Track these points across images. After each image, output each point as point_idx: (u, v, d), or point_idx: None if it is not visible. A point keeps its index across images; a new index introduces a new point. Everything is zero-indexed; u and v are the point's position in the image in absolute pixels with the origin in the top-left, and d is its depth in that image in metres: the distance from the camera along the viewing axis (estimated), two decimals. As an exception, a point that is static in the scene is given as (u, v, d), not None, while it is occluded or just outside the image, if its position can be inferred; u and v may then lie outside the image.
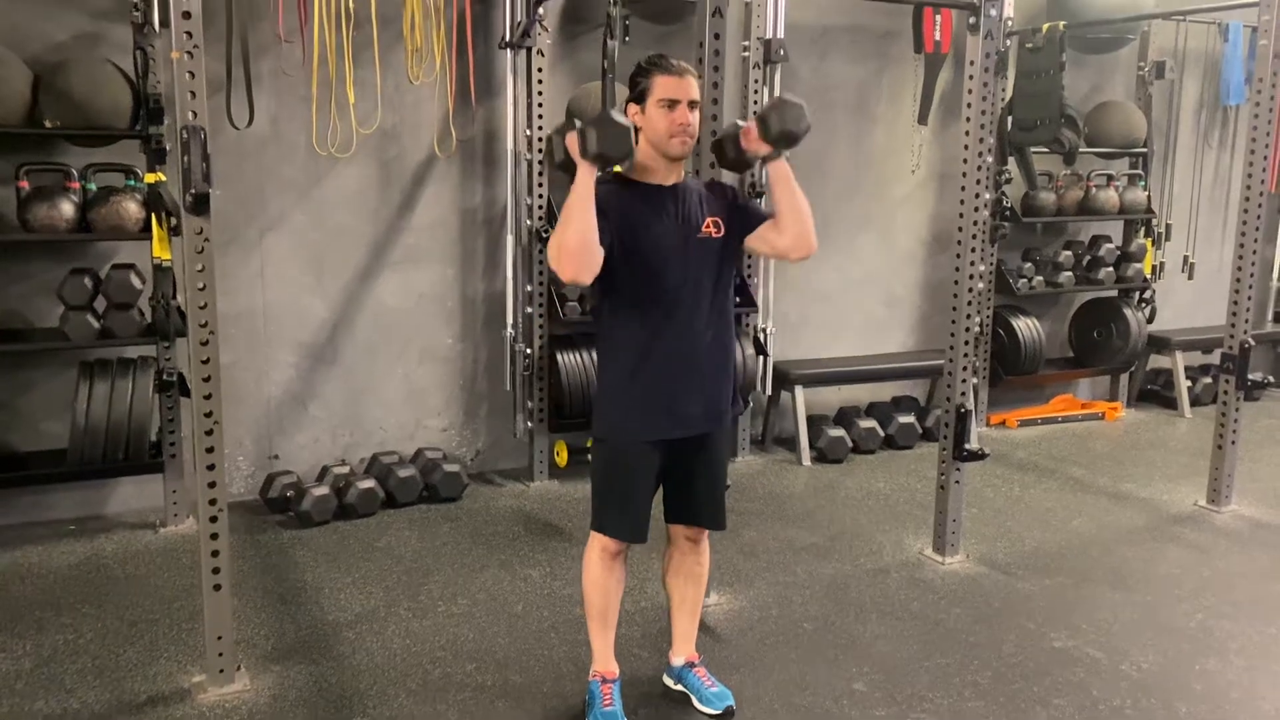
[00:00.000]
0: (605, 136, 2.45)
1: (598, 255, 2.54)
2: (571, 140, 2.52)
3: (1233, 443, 4.68)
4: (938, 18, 5.59)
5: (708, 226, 2.74)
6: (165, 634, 3.43)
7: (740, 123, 2.79)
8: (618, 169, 2.69)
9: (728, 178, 3.41)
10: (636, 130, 2.71)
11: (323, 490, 4.47)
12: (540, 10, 4.66)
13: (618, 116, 2.46)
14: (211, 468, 2.92)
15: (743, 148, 2.75)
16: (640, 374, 2.73)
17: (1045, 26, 5.46)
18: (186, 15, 2.72)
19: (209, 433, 2.90)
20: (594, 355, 4.22)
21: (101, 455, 4.14)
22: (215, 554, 2.96)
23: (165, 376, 4.20)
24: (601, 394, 2.83)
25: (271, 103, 4.51)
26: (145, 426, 4.20)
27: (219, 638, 3.01)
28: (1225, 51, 6.14)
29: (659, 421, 2.74)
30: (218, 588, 2.97)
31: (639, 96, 2.69)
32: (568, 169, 2.57)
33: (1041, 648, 3.42)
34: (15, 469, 4.27)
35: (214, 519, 2.95)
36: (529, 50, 4.71)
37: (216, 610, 2.99)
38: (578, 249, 2.50)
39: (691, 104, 2.66)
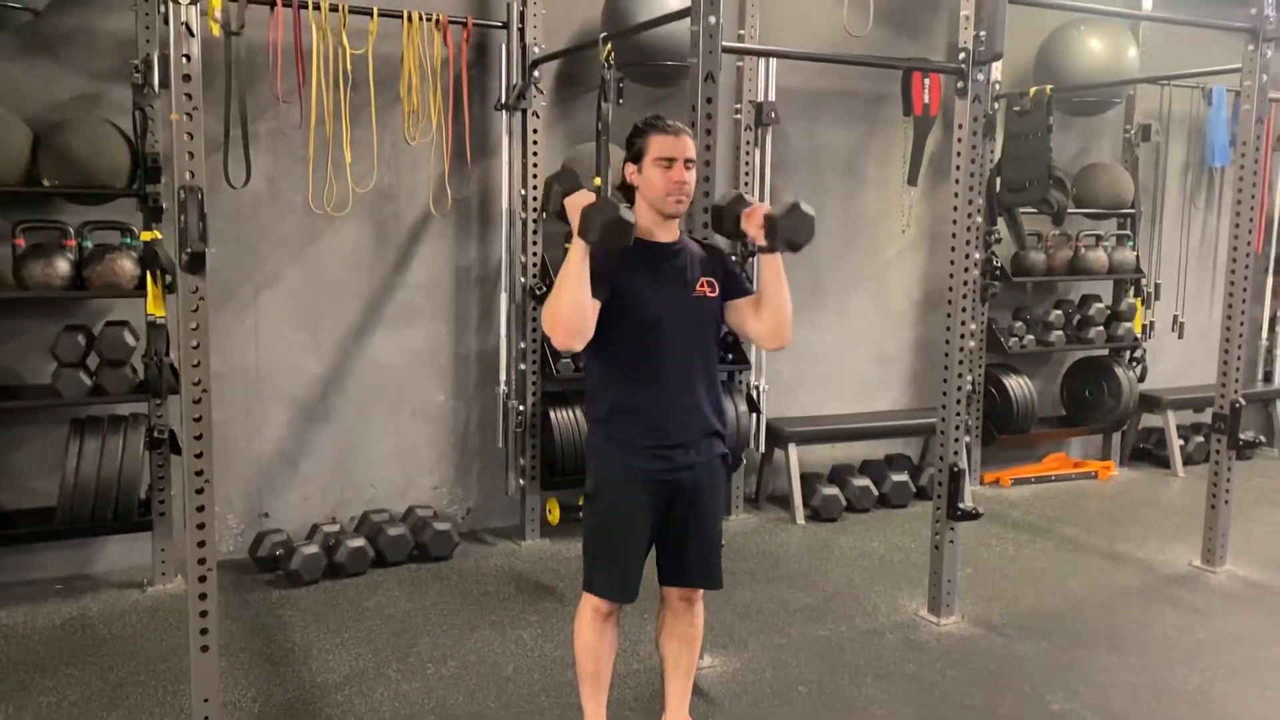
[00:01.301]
0: (609, 231, 2.48)
1: (591, 323, 2.59)
2: (574, 209, 2.54)
3: (1226, 502, 4.68)
4: (926, 82, 5.67)
5: (702, 286, 2.77)
6: (150, 696, 3.38)
7: (747, 198, 2.82)
8: None
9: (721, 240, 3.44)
10: (633, 189, 2.75)
11: (312, 549, 4.43)
12: (535, 73, 4.74)
13: (625, 213, 2.49)
14: (201, 526, 2.89)
15: (742, 229, 2.79)
16: (631, 427, 2.74)
17: (1033, 90, 5.55)
18: (187, 78, 2.76)
19: (200, 491, 2.88)
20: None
21: (90, 514, 4.10)
22: (204, 614, 2.92)
23: (156, 434, 4.19)
24: (592, 448, 2.84)
25: (269, 162, 4.55)
26: (135, 485, 4.17)
27: (205, 700, 2.96)
28: (1209, 115, 6.24)
29: (650, 468, 2.73)
30: (205, 649, 2.93)
31: (636, 156, 2.74)
32: (562, 217, 2.61)
33: (1039, 711, 3.38)
34: (3, 527, 4.22)
35: (203, 579, 2.91)
36: (524, 112, 4.78)
37: (204, 672, 2.94)
38: (571, 318, 2.55)
39: (688, 162, 2.71)
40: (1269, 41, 4.42)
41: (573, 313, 2.55)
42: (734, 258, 3.19)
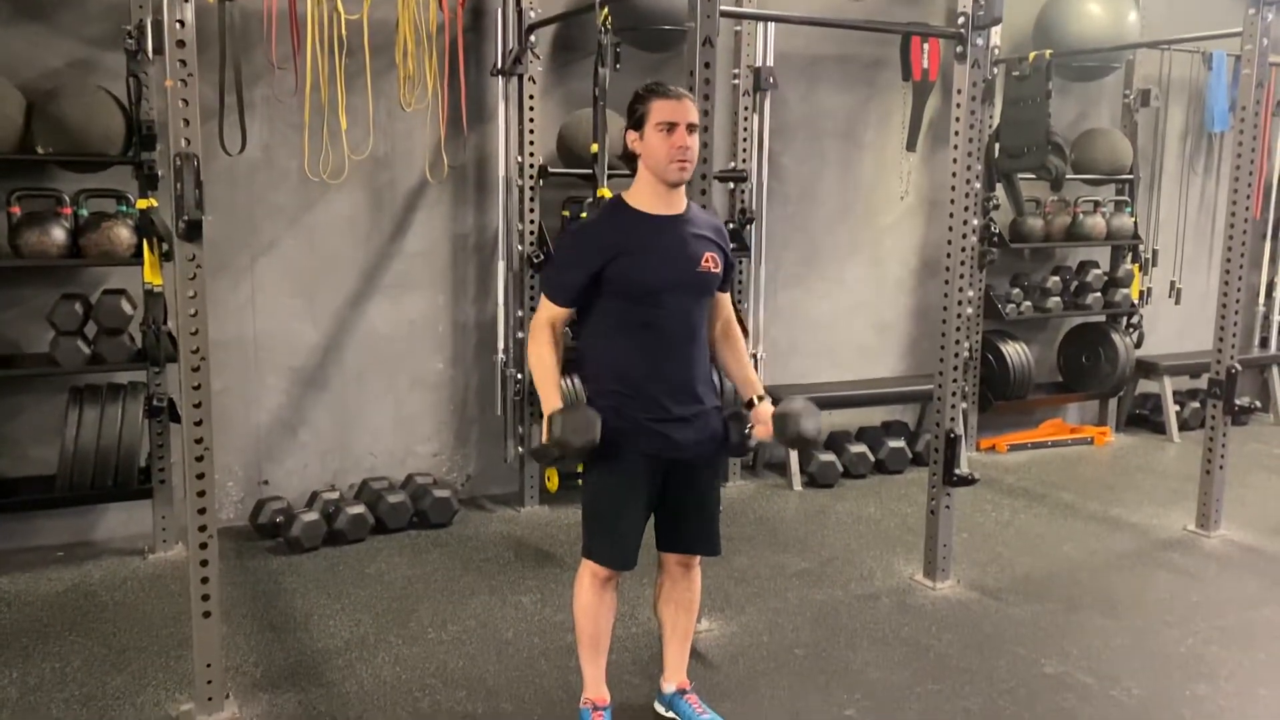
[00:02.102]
0: (569, 427, 2.60)
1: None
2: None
3: (1221, 468, 4.71)
4: (925, 46, 5.63)
5: (707, 261, 2.76)
6: (153, 662, 3.41)
7: (750, 428, 2.89)
8: (607, 192, 2.72)
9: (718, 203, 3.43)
10: (635, 157, 2.73)
11: (312, 516, 4.45)
12: (532, 38, 4.70)
13: (591, 418, 2.62)
14: (202, 494, 2.91)
15: (745, 445, 2.92)
16: (630, 397, 2.74)
17: (1032, 55, 5.52)
18: (181, 44, 2.74)
19: (199, 459, 2.90)
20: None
21: (90, 481, 4.12)
22: (205, 581, 2.94)
23: (155, 402, 4.19)
24: None
25: (264, 129, 4.53)
26: (135, 452, 4.19)
27: (208, 665, 2.99)
28: (1209, 80, 6.21)
29: (649, 441, 2.74)
30: (207, 615, 2.96)
31: (637, 123, 2.71)
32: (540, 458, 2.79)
33: (1033, 674, 3.42)
34: (3, 495, 4.24)
35: (204, 545, 2.93)
36: (520, 78, 4.75)
37: (205, 637, 2.97)
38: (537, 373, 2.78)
39: (690, 127, 2.68)
40: (1270, 5, 4.39)
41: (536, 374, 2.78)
42: (730, 224, 3.22)
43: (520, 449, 5.02)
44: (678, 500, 2.84)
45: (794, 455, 5.50)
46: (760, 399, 2.91)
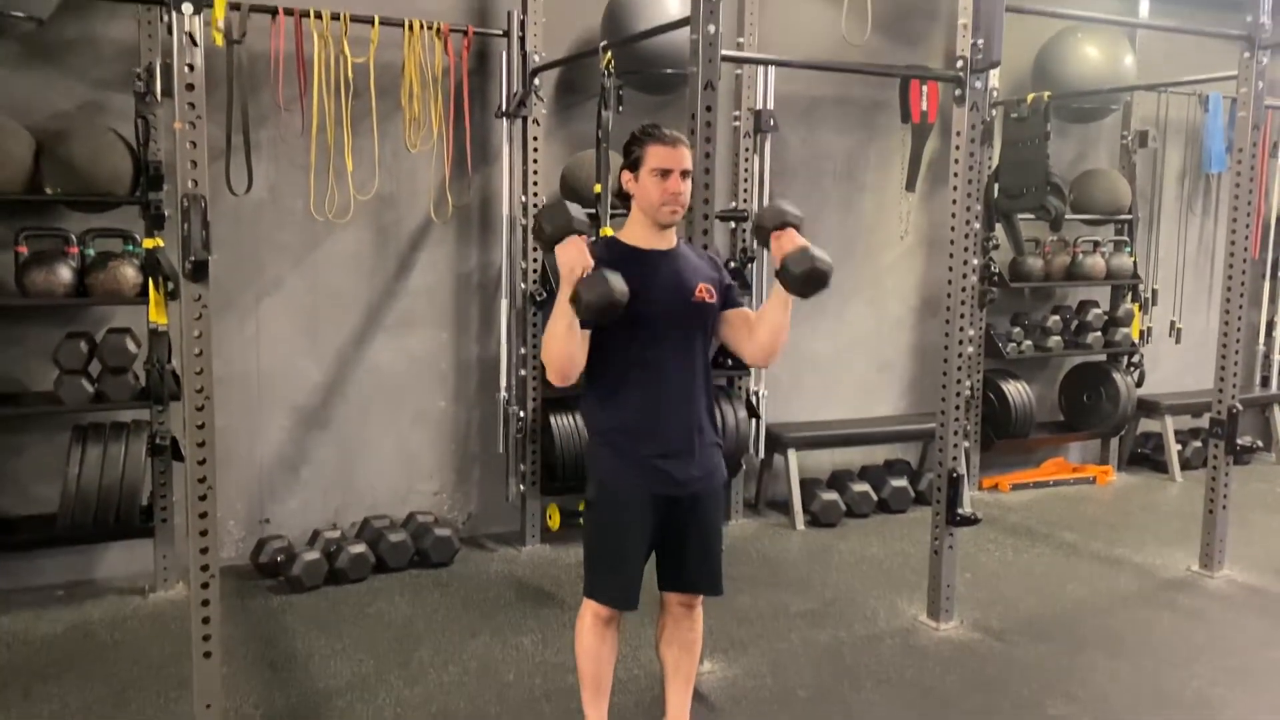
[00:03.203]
0: (599, 312, 2.53)
1: (581, 362, 2.65)
2: (564, 266, 2.55)
3: (1224, 507, 4.70)
4: (924, 89, 5.71)
5: (700, 292, 2.78)
6: (153, 702, 3.38)
7: (787, 213, 2.81)
8: (610, 231, 2.75)
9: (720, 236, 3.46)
10: (629, 198, 2.77)
11: (313, 555, 4.44)
12: (536, 81, 4.76)
13: (616, 290, 2.51)
14: (204, 533, 2.91)
15: (770, 248, 2.82)
16: (630, 434, 2.75)
17: (1030, 97, 5.58)
18: (190, 87, 2.78)
19: (202, 498, 2.90)
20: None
21: (92, 520, 4.11)
22: (206, 620, 2.94)
23: (158, 441, 4.20)
24: (591, 456, 2.85)
25: (270, 170, 4.58)
26: (137, 491, 4.18)
27: (208, 706, 2.98)
28: (1206, 121, 6.27)
29: (650, 478, 2.75)
30: (208, 655, 2.94)
31: (633, 164, 2.75)
32: (548, 248, 2.63)
33: (1038, 716, 3.39)
34: (4, 533, 4.24)
35: (205, 585, 2.93)
36: (525, 119, 4.80)
37: (206, 677, 2.96)
38: (563, 365, 2.64)
39: (684, 173, 2.72)
40: (1265, 49, 4.45)
41: (564, 360, 2.63)
42: (732, 263, 3.24)
43: (522, 487, 5.01)
44: (679, 538, 2.83)
45: (797, 495, 5.49)
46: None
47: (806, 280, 2.71)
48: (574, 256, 2.55)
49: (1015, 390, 6.24)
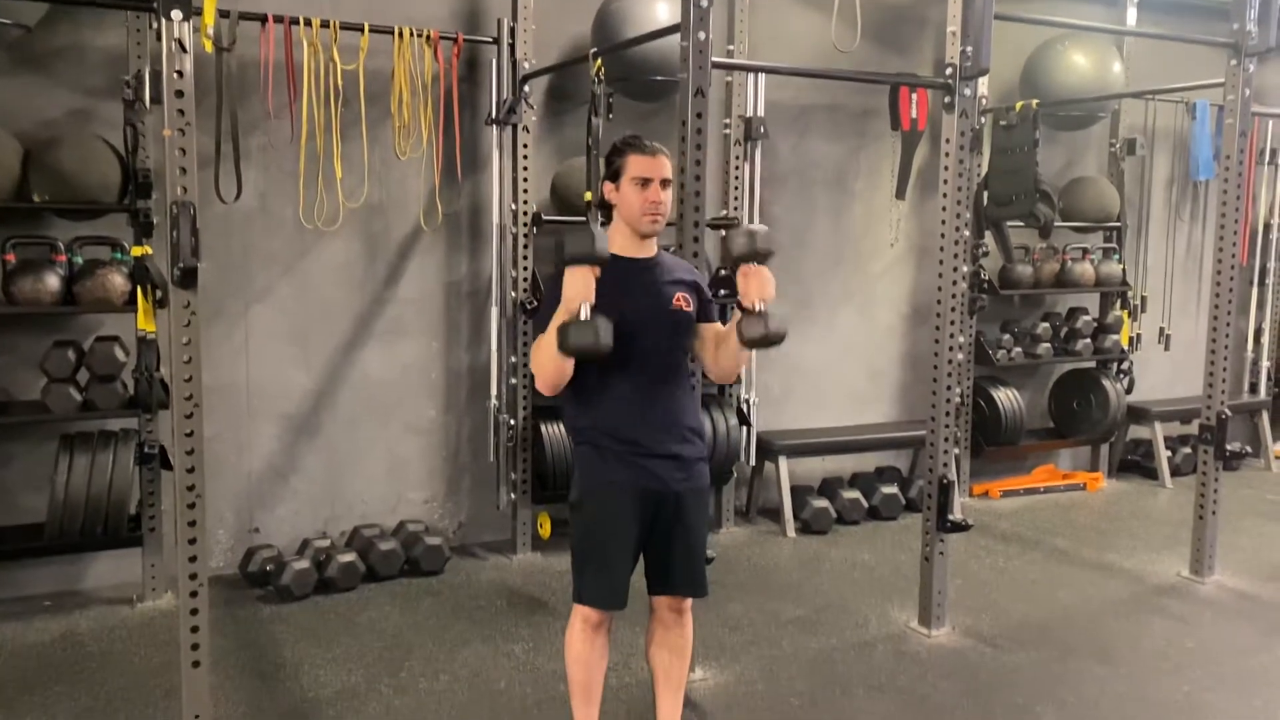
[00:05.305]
0: (581, 354, 2.60)
1: (570, 374, 2.69)
2: (565, 300, 2.58)
3: (1213, 513, 4.71)
4: (914, 97, 5.71)
5: (678, 300, 2.83)
6: (141, 712, 3.36)
7: (744, 271, 2.76)
8: None
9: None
10: (611, 208, 2.79)
11: (303, 564, 4.42)
12: (526, 88, 4.77)
13: (602, 335, 2.56)
14: (193, 542, 2.89)
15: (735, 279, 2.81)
16: (612, 434, 2.77)
17: (1019, 105, 5.60)
18: (179, 94, 2.77)
19: (191, 506, 2.89)
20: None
21: (80, 529, 4.09)
22: (195, 630, 2.92)
23: (147, 449, 4.18)
24: (575, 458, 2.88)
25: (259, 178, 4.56)
26: (125, 500, 4.16)
27: (196, 716, 2.96)
28: (1193, 129, 6.29)
29: (635, 475, 2.77)
30: (196, 664, 2.93)
31: (614, 175, 2.81)
32: (561, 265, 2.64)
33: (1029, 722, 3.39)
34: (-9, 543, 4.21)
35: (194, 594, 2.91)
36: (514, 127, 4.80)
37: (194, 688, 2.94)
38: (552, 377, 2.69)
39: (664, 182, 2.78)
40: (1251, 56, 4.47)
41: (553, 373, 2.67)
42: (722, 271, 3.25)
43: (513, 496, 5.00)
44: (665, 539, 2.84)
45: (788, 502, 5.49)
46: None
47: (757, 344, 2.76)
48: (579, 289, 2.57)
49: (1005, 397, 6.26)
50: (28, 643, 3.92)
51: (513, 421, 4.93)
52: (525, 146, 4.82)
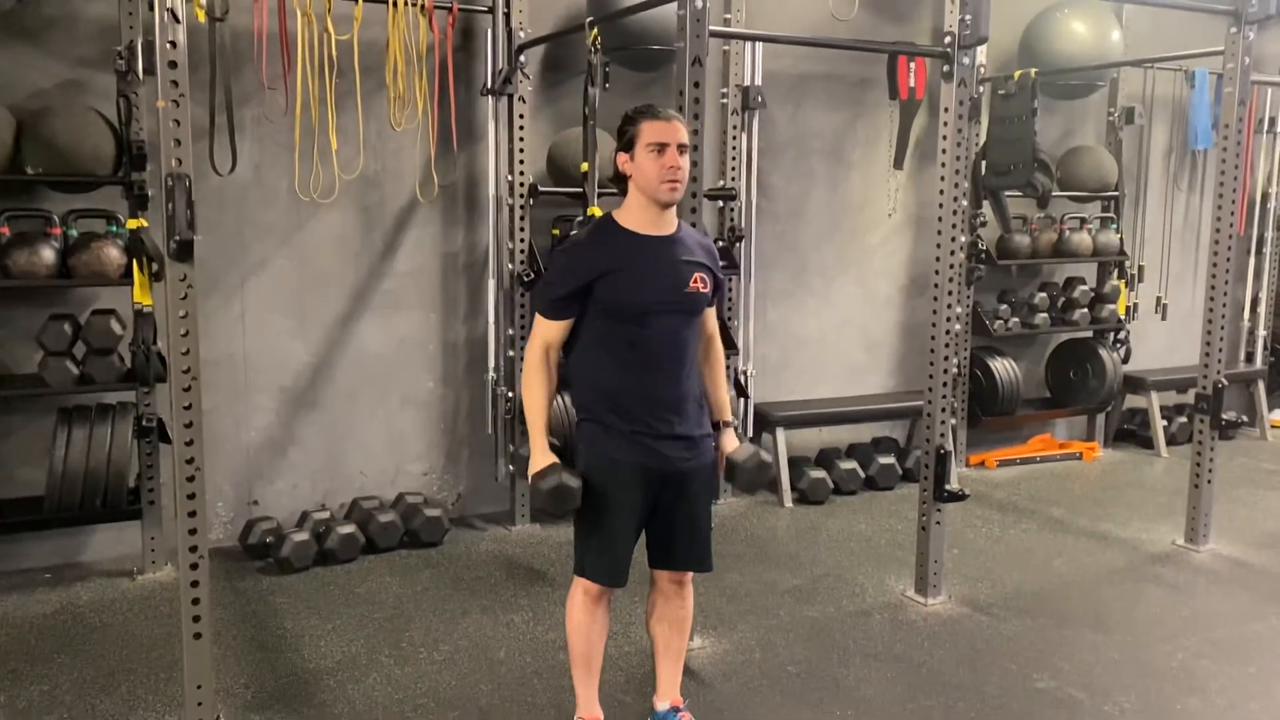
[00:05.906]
0: (541, 503, 2.78)
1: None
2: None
3: (1209, 482, 4.73)
4: (912, 66, 5.69)
5: (695, 281, 2.78)
6: (143, 684, 3.38)
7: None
8: (598, 211, 2.75)
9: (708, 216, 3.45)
10: (626, 179, 2.75)
11: (302, 536, 4.44)
12: (522, 58, 4.73)
13: (569, 501, 2.75)
14: (193, 514, 2.90)
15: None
16: (620, 412, 2.76)
17: (1017, 74, 5.57)
18: (173, 65, 2.75)
19: (190, 479, 2.89)
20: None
21: (79, 502, 4.10)
22: (195, 602, 2.93)
23: (145, 422, 4.18)
24: (580, 435, 2.85)
25: (254, 149, 4.54)
26: (124, 473, 4.17)
27: (198, 687, 2.97)
28: (1192, 98, 6.27)
29: (640, 454, 2.76)
30: (198, 636, 2.94)
31: (627, 144, 2.74)
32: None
33: (1024, 689, 3.42)
34: (-10, 517, 4.22)
35: (194, 566, 2.92)
36: (510, 97, 4.77)
37: (196, 659, 2.96)
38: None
39: (680, 148, 2.71)
40: (1251, 24, 4.44)
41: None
42: (720, 242, 3.24)
43: (511, 467, 5.01)
44: (669, 517, 2.84)
45: (785, 473, 5.51)
46: (726, 425, 2.99)
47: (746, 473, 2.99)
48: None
49: (1002, 367, 6.27)
50: (29, 614, 3.94)
51: (510, 394, 4.94)
52: (521, 117, 4.79)
